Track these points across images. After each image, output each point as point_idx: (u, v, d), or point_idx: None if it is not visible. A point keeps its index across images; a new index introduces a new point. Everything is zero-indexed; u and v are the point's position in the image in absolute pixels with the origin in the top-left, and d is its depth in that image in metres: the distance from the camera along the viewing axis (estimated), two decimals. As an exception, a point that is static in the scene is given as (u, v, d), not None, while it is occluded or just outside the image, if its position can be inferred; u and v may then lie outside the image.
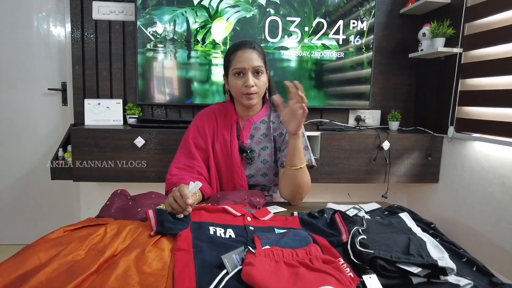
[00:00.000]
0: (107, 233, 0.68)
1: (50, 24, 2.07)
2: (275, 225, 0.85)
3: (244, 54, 1.11)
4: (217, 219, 0.82)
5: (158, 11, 1.87)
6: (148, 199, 1.03)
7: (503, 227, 1.57)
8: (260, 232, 0.75)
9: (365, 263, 0.66)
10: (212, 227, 0.78)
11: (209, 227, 0.77)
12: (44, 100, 2.13)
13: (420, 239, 0.73)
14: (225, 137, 1.18)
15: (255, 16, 1.94)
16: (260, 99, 1.19)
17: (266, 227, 0.83)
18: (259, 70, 1.12)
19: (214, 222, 0.81)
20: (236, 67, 1.11)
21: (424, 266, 0.62)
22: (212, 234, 0.75)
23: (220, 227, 0.79)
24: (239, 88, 1.12)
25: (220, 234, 0.76)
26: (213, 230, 0.76)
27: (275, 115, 1.23)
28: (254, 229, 0.80)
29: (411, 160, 1.96)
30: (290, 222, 0.87)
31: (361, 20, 2.03)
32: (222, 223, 0.81)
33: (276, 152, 1.23)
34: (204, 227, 0.77)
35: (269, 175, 1.22)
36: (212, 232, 0.75)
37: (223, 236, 0.76)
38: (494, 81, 1.64)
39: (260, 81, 1.13)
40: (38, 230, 2.23)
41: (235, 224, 0.82)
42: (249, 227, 0.81)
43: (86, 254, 0.59)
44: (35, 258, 0.56)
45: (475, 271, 0.69)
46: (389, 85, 2.23)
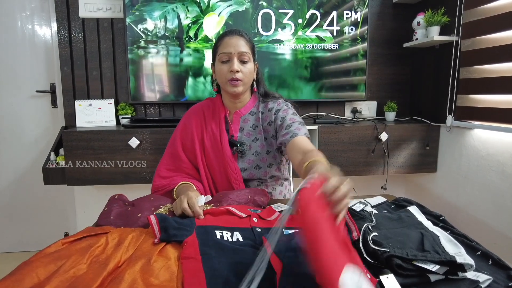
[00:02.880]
0: (109, 243, 0.65)
1: (34, 24, 2.00)
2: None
3: (231, 39, 1.10)
4: (222, 222, 0.79)
5: (147, 7, 1.81)
6: (147, 202, 0.99)
7: (503, 214, 1.57)
8: (268, 234, 0.72)
9: (380, 262, 0.64)
10: (219, 230, 0.75)
11: (215, 231, 0.74)
12: (33, 103, 2.06)
13: (433, 234, 0.71)
14: (214, 132, 1.17)
15: (247, 10, 1.90)
16: (246, 88, 1.16)
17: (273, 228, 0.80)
18: (245, 56, 1.10)
19: (220, 225, 0.78)
20: (222, 52, 1.09)
21: (442, 263, 0.60)
22: (219, 238, 0.72)
23: (226, 230, 0.76)
24: (224, 74, 1.10)
25: (227, 238, 0.73)
26: (219, 234, 0.73)
27: (264, 105, 1.21)
28: (262, 231, 0.77)
29: (409, 150, 1.95)
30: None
31: (354, 11, 2.00)
32: (228, 226, 0.78)
33: (269, 143, 1.19)
34: (210, 231, 0.74)
35: (263, 167, 1.19)
36: (219, 237, 0.72)
37: (230, 240, 0.73)
38: (493, 68, 1.62)
39: (246, 69, 1.11)
40: (32, 237, 2.18)
41: (242, 227, 0.79)
42: (256, 229, 0.78)
43: (88, 268, 0.56)
44: (33, 275, 0.52)
45: (491, 264, 0.67)
46: (384, 76, 2.21)
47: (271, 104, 1.19)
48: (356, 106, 2.19)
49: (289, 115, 1.14)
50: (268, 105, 1.19)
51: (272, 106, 1.18)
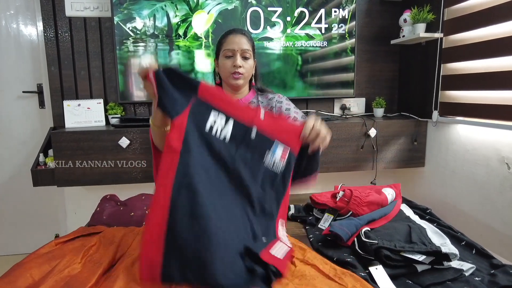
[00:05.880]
0: (102, 242, 0.65)
1: (19, 23, 1.96)
2: (280, 139, 0.80)
3: (235, 38, 1.20)
4: (224, 105, 0.78)
5: (136, 5, 1.80)
6: (138, 201, 1.00)
7: (488, 206, 1.62)
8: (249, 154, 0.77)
9: (369, 254, 0.66)
10: (214, 113, 0.75)
11: (211, 113, 0.75)
12: (19, 104, 2.02)
13: (420, 226, 0.74)
14: None
15: (236, 8, 1.90)
16: (246, 82, 1.26)
17: (268, 139, 0.80)
18: (247, 53, 1.20)
19: (220, 107, 0.77)
20: (227, 48, 1.20)
21: (428, 253, 0.63)
22: (208, 131, 0.74)
23: (222, 115, 0.76)
24: (228, 68, 1.20)
25: (216, 130, 0.75)
26: (211, 123, 0.75)
27: (263, 96, 1.31)
28: (256, 137, 0.78)
29: (397, 145, 1.99)
30: None
31: (342, 8, 2.02)
32: (227, 111, 0.77)
33: None
34: (204, 113, 0.75)
35: None
36: (208, 128, 0.74)
37: (219, 135, 0.75)
38: (474, 65, 1.67)
39: (247, 64, 1.21)
40: (22, 240, 2.15)
41: (240, 120, 0.78)
42: (252, 132, 0.78)
43: (82, 267, 0.56)
44: (27, 276, 0.52)
45: (475, 254, 0.70)
46: (372, 72, 2.24)
47: (271, 95, 1.30)
48: (345, 103, 2.21)
49: (293, 108, 1.27)
50: (268, 96, 1.30)
51: (273, 96, 1.29)
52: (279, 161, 0.77)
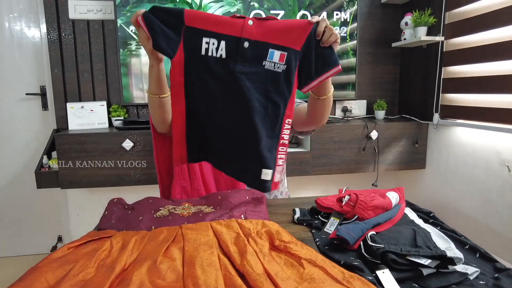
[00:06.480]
0: (113, 246, 0.66)
1: (23, 25, 1.97)
2: (275, 42, 0.81)
3: None
4: (212, 25, 0.80)
5: (139, 8, 1.81)
6: (146, 205, 1.00)
7: (488, 208, 1.64)
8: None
9: (375, 258, 0.67)
10: (206, 38, 0.79)
11: (203, 38, 0.79)
12: (23, 106, 2.03)
13: (425, 230, 0.75)
14: None
15: (239, 10, 1.91)
16: None
17: (263, 43, 0.80)
18: None
19: (209, 29, 0.79)
20: None
21: (433, 257, 0.64)
22: (204, 54, 0.78)
23: (214, 38, 0.79)
24: None
25: (212, 50, 0.79)
26: (205, 46, 0.79)
27: None
28: (249, 45, 0.80)
29: (398, 148, 2.01)
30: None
31: (344, 11, 2.03)
32: (217, 30, 0.79)
33: None
34: (196, 39, 0.79)
35: None
36: (204, 51, 0.79)
37: (215, 53, 0.79)
38: (475, 68, 1.68)
39: None
40: (25, 241, 2.16)
41: (230, 33, 0.79)
42: (244, 42, 0.80)
43: (96, 272, 0.57)
44: (42, 280, 0.53)
45: (478, 257, 0.71)
46: (374, 75, 2.26)
47: None
48: (346, 105, 2.23)
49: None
50: None
51: None
52: (279, 62, 0.81)
